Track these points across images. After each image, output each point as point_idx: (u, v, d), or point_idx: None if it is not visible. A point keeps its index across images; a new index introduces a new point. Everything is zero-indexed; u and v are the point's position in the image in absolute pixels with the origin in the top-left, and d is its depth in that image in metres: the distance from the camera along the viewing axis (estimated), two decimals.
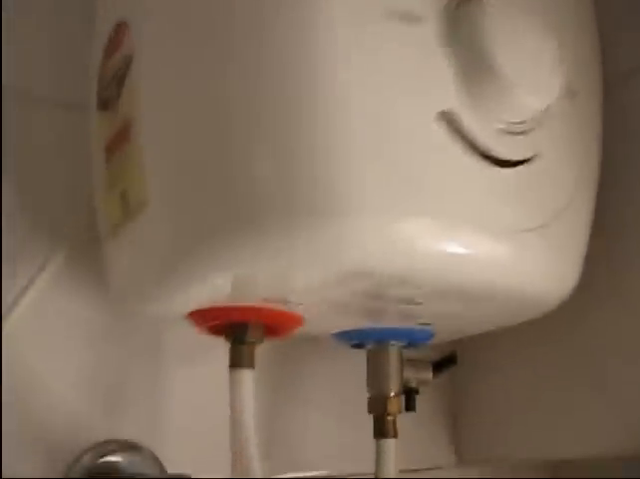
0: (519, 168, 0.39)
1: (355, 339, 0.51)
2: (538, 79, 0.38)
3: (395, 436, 0.49)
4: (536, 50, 0.38)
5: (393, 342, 0.50)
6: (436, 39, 0.37)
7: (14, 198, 0.48)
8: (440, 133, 0.36)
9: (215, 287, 0.40)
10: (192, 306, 0.44)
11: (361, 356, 0.50)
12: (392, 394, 0.50)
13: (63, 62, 0.53)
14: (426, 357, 0.53)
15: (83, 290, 0.49)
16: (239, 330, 0.45)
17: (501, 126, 0.38)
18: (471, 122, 0.37)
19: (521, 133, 0.39)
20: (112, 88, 0.44)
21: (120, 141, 0.42)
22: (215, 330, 0.46)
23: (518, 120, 0.38)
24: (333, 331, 0.50)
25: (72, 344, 0.48)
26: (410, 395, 0.53)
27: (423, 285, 0.39)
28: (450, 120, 0.36)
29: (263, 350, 0.45)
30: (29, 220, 0.48)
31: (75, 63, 0.52)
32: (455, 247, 0.37)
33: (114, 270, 0.45)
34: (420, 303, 0.43)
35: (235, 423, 0.42)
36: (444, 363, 0.53)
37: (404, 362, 0.51)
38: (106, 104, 0.45)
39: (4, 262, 0.46)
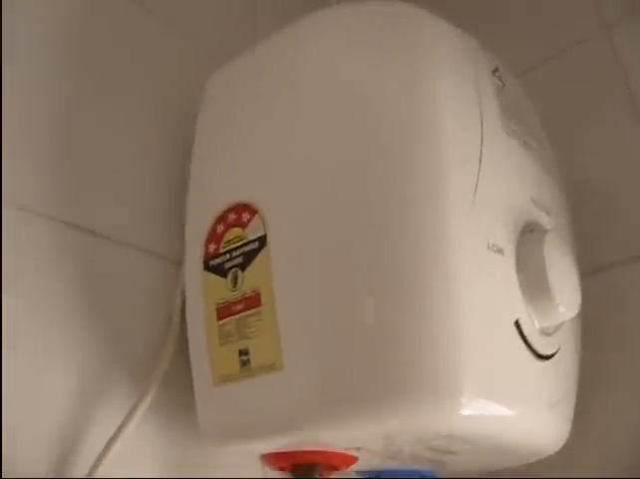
0: (550, 360, 0.53)
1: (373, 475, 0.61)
2: (571, 297, 0.53)
3: None
4: (568, 276, 0.53)
5: None
6: (511, 265, 0.50)
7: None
8: (513, 336, 0.49)
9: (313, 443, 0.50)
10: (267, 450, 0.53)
11: None
12: None
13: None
14: None
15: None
16: (308, 469, 0.54)
17: (543, 329, 0.52)
18: (528, 327, 0.51)
19: (549, 334, 0.53)
20: (234, 259, 0.52)
21: (243, 306, 0.51)
22: (284, 467, 0.55)
23: (551, 326, 0.53)
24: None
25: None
26: None
27: (481, 444, 0.51)
28: (519, 327, 0.50)
29: None
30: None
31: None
32: (513, 416, 0.49)
33: (212, 412, 0.52)
34: (455, 453, 0.55)
35: None
36: None
37: None
38: (221, 270, 0.53)
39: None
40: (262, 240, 0.51)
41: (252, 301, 0.50)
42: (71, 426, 0.50)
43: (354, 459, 0.55)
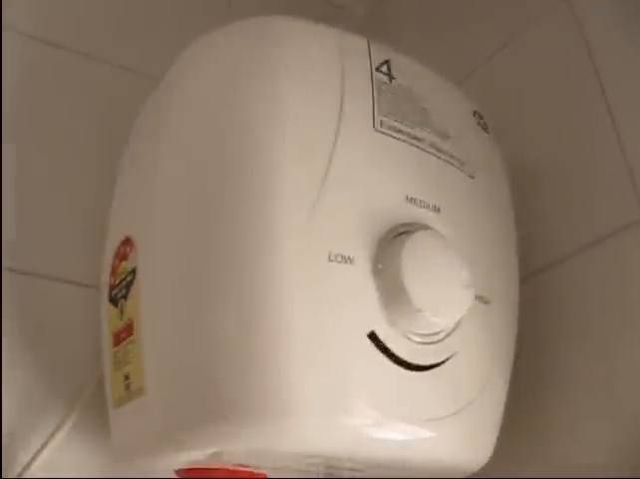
0: (435, 369, 0.49)
1: None
2: (444, 303, 0.49)
3: None
4: (445, 278, 0.49)
5: None
6: (365, 274, 0.48)
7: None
8: (368, 348, 0.47)
9: (198, 458, 0.51)
10: (179, 465, 0.55)
11: None
12: None
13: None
14: None
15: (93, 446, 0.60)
16: None
17: (417, 339, 0.49)
18: (391, 338, 0.48)
19: (435, 342, 0.50)
20: (121, 290, 0.55)
21: (125, 334, 0.54)
22: None
23: (430, 333, 0.49)
24: None
25: None
26: None
27: (358, 462, 0.50)
28: (375, 337, 0.47)
29: None
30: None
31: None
32: (379, 435, 0.48)
33: (117, 433, 0.56)
34: (361, 470, 0.53)
35: None
36: None
37: None
38: (115, 301, 0.56)
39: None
40: (135, 272, 0.54)
41: (130, 330, 0.53)
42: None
43: (265, 476, 0.56)
